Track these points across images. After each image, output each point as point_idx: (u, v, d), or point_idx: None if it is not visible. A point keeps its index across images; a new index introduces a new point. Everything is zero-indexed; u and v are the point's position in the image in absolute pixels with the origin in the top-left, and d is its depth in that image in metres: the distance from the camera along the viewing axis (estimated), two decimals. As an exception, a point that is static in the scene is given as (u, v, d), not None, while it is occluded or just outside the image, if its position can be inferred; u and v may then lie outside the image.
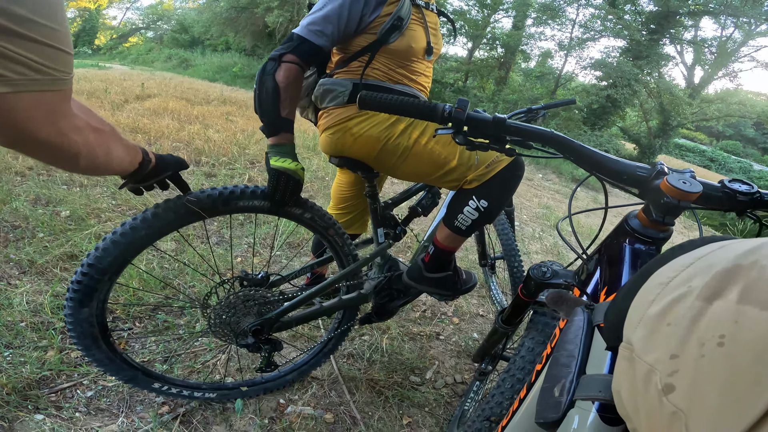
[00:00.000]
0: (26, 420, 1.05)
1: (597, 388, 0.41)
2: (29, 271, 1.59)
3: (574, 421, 0.42)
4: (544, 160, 7.64)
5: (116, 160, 0.67)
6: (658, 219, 0.57)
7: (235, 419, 1.20)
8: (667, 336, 0.28)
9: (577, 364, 0.46)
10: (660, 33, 10.77)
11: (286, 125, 0.97)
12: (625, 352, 0.32)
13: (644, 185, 0.60)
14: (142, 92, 5.84)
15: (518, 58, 13.19)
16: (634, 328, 0.32)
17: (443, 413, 1.40)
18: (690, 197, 0.54)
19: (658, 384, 0.27)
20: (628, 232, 0.60)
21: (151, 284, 1.63)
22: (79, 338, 0.93)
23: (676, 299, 0.29)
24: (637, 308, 0.34)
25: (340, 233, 1.15)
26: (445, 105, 0.68)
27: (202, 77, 11.68)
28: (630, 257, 0.58)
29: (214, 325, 1.06)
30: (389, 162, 1.10)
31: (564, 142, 0.65)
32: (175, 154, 0.91)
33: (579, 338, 0.48)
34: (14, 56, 0.43)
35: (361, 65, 1.08)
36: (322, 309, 1.20)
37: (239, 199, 0.96)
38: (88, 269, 0.87)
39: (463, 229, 1.12)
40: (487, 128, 0.66)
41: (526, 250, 2.99)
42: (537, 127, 0.66)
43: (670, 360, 0.27)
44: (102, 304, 0.93)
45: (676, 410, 0.25)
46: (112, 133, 0.66)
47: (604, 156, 0.64)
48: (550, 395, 0.45)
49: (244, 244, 2.18)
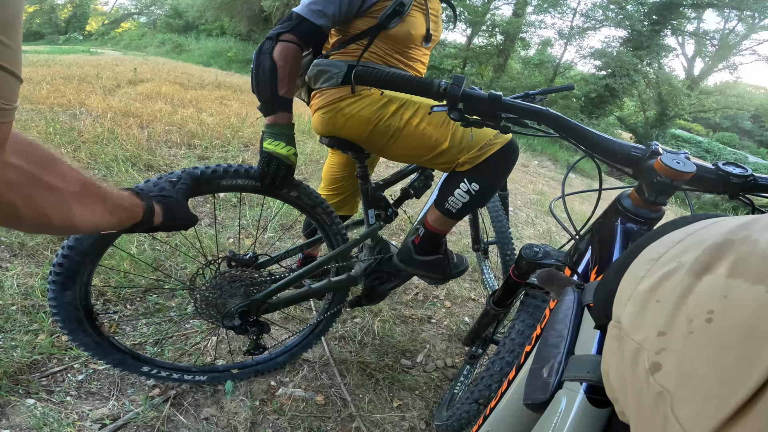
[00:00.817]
0: (18, 405, 1.05)
1: (585, 369, 0.41)
2: (20, 253, 1.58)
3: (562, 403, 0.41)
4: (540, 146, 7.64)
5: (86, 224, 0.52)
6: (650, 198, 0.57)
7: (225, 401, 1.21)
8: (655, 313, 0.27)
9: (566, 345, 0.45)
10: (662, 24, 10.71)
11: (284, 104, 0.95)
12: (614, 330, 0.31)
13: (638, 165, 0.60)
14: (134, 77, 5.74)
15: (517, 46, 13.08)
16: (624, 306, 0.31)
17: (433, 396, 1.41)
18: (683, 177, 0.54)
19: (646, 363, 0.26)
20: (620, 211, 0.60)
21: (141, 266, 1.62)
22: (64, 322, 0.92)
23: (665, 275, 0.28)
24: (626, 285, 0.33)
25: (327, 212, 1.14)
26: (440, 81, 0.68)
27: (196, 62, 11.49)
28: (621, 237, 0.58)
29: (201, 306, 1.06)
30: (380, 143, 1.09)
31: (559, 120, 0.65)
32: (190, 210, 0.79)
33: (569, 318, 0.47)
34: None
35: (358, 48, 1.07)
36: (310, 291, 1.20)
37: (222, 178, 0.94)
38: (69, 251, 0.85)
39: (453, 212, 1.11)
40: (483, 105, 0.66)
41: (520, 236, 3.00)
42: (532, 104, 0.66)
43: (658, 337, 0.26)
44: (85, 287, 0.91)
45: (662, 390, 0.24)
46: (81, 193, 0.51)
47: (600, 135, 0.64)
48: (539, 376, 0.45)
49: (236, 225, 2.17)
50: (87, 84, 4.65)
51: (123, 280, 1.55)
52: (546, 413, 0.43)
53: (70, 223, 0.50)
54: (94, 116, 3.31)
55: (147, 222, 0.66)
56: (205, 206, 2.30)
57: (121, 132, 2.99)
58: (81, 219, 0.52)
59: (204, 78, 7.14)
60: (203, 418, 1.14)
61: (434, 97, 0.69)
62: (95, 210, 0.54)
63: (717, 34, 12.34)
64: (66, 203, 0.49)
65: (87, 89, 4.31)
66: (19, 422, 1.01)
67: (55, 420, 1.03)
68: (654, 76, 11.28)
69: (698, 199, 6.88)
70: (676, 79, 11.62)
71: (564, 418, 0.40)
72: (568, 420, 0.40)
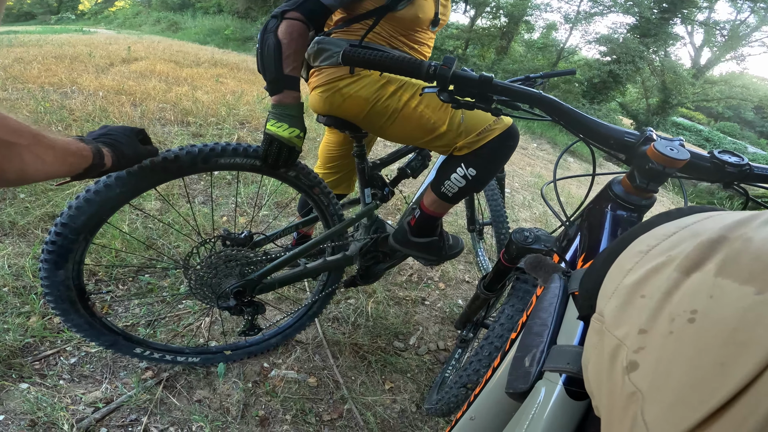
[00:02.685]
0: (11, 390, 1.05)
1: (565, 360, 0.40)
2: (10, 233, 1.56)
3: (540, 393, 0.41)
4: (539, 129, 7.60)
5: (39, 174, 0.56)
6: (641, 185, 0.56)
7: (218, 383, 1.22)
8: (639, 309, 0.26)
9: (549, 334, 0.45)
10: (672, 12, 10.54)
11: (290, 83, 0.92)
12: (596, 324, 0.30)
13: (631, 151, 0.59)
14: (128, 56, 5.61)
15: (521, 29, 12.86)
16: (608, 299, 0.30)
17: (425, 379, 1.43)
18: (676, 164, 0.53)
19: (624, 361, 0.25)
20: (610, 197, 0.59)
21: (134, 245, 1.61)
22: (56, 302, 0.90)
23: (653, 269, 0.27)
24: (612, 277, 0.31)
25: (325, 192, 1.13)
26: (431, 62, 0.66)
27: (192, 40, 11.24)
28: (611, 223, 0.57)
29: (195, 286, 1.05)
30: (378, 123, 1.08)
31: (552, 103, 0.64)
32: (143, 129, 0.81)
33: (553, 306, 0.46)
34: None
35: (362, 28, 1.05)
36: (306, 270, 1.19)
37: (220, 156, 0.93)
38: (62, 229, 0.83)
39: (449, 195, 1.11)
40: (473, 86, 0.65)
41: (516, 218, 3.00)
42: (524, 87, 0.64)
43: (638, 335, 0.25)
44: (78, 265, 0.90)
45: (635, 391, 0.23)
46: (32, 144, 0.54)
47: (593, 120, 0.63)
48: (521, 365, 0.44)
49: (231, 204, 2.15)
50: (79, 63, 4.54)
51: (115, 259, 1.54)
52: (525, 403, 0.42)
53: (24, 174, 0.53)
54: (85, 95, 3.25)
55: (98, 164, 0.67)
56: (198, 183, 2.28)
57: (114, 110, 2.94)
58: (34, 169, 0.55)
59: (200, 56, 6.99)
60: (196, 400, 1.15)
61: (424, 78, 0.67)
62: (46, 159, 0.56)
63: (728, 24, 12.19)
64: (18, 155, 0.52)
65: (79, 68, 4.21)
66: (13, 407, 1.01)
67: (48, 404, 1.03)
68: (659, 63, 11.18)
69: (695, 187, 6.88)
70: (681, 68, 11.51)
71: (542, 409, 0.39)
72: (546, 411, 0.39)
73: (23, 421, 0.99)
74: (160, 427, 1.07)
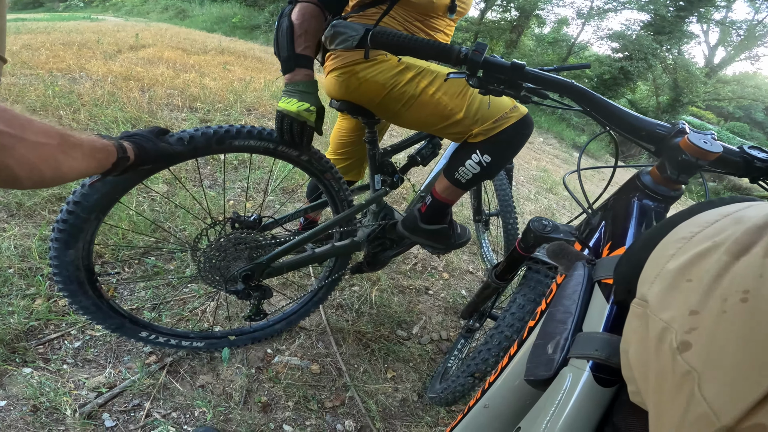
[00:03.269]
0: (14, 374, 1.04)
1: (593, 347, 0.40)
2: (17, 213, 1.56)
3: (567, 380, 0.40)
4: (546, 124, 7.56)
5: (75, 171, 0.59)
6: (672, 176, 0.57)
7: (222, 368, 1.21)
8: (686, 292, 0.27)
9: (573, 321, 0.45)
10: (688, 11, 10.39)
11: (302, 61, 0.94)
12: (638, 309, 0.31)
13: (662, 142, 0.60)
14: (136, 42, 5.60)
15: (532, 23, 12.72)
16: (650, 284, 0.31)
17: (427, 369, 1.42)
18: (709, 156, 0.54)
19: (674, 342, 0.25)
20: (638, 188, 0.60)
21: (141, 227, 1.60)
22: (64, 283, 0.90)
23: (699, 254, 0.28)
24: (654, 263, 0.32)
25: (336, 178, 1.15)
26: (461, 47, 0.67)
27: (200, 28, 11.21)
28: (638, 213, 0.57)
29: (204, 269, 1.04)
30: (393, 109, 1.08)
31: (585, 93, 0.64)
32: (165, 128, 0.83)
33: (578, 294, 0.47)
34: None
35: (377, 12, 1.04)
36: (314, 255, 1.20)
37: (234, 138, 0.93)
38: (74, 207, 0.83)
39: (462, 182, 1.11)
40: (504, 73, 0.66)
41: (521, 211, 3.00)
42: (557, 76, 0.65)
43: (689, 316, 0.25)
44: (88, 245, 0.89)
45: (689, 369, 0.23)
46: (62, 144, 0.56)
47: (625, 111, 0.64)
48: (543, 352, 0.44)
49: (238, 188, 2.15)
50: (87, 50, 4.53)
51: (121, 241, 1.54)
52: (549, 390, 0.42)
53: (60, 173, 0.56)
54: (94, 80, 3.24)
55: (123, 159, 0.70)
56: (205, 168, 2.28)
57: (122, 95, 2.93)
58: (69, 168, 0.57)
59: (207, 44, 6.96)
60: (199, 385, 1.15)
61: (453, 63, 0.68)
62: (76, 157, 0.58)
63: (744, 24, 12.03)
64: (53, 156, 0.54)
65: (87, 54, 4.21)
66: (15, 392, 1.01)
67: (51, 389, 1.02)
68: (672, 61, 11.05)
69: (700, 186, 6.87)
70: (694, 66, 11.40)
71: (568, 395, 0.39)
72: (573, 397, 0.39)
73: (25, 406, 0.98)
74: (162, 413, 1.06)
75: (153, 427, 1.03)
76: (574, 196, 0.70)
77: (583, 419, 0.38)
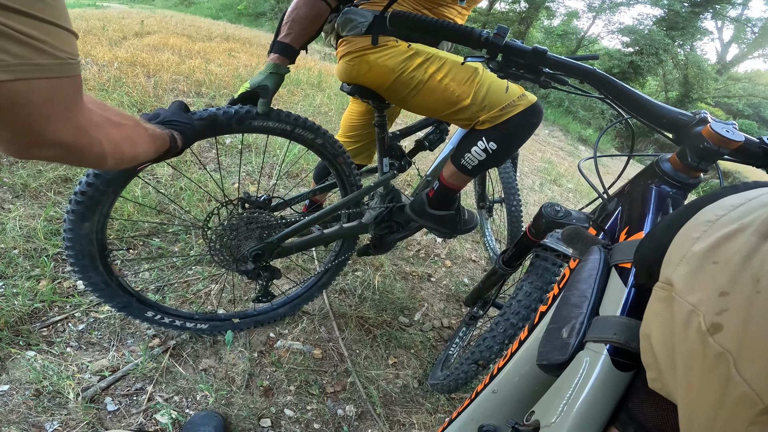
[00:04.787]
0: (18, 357, 1.04)
1: (612, 330, 0.39)
2: (23, 195, 1.56)
3: (584, 363, 0.40)
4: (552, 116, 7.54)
5: (142, 153, 0.61)
6: (692, 164, 0.57)
7: (224, 352, 1.22)
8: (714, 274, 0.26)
9: (589, 305, 0.44)
10: (703, 7, 10.23)
11: (279, 47, 0.97)
12: (662, 292, 0.31)
13: (684, 130, 0.60)
14: (141, 29, 5.59)
15: (541, 15, 12.54)
16: (675, 267, 0.30)
17: (428, 356, 1.42)
18: (731, 145, 0.54)
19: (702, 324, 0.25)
20: (657, 174, 0.60)
21: (146, 209, 1.60)
22: (76, 257, 0.89)
23: (726, 236, 0.27)
24: (678, 246, 0.32)
25: (348, 162, 1.17)
26: (482, 30, 0.67)
27: (205, 15, 11.16)
28: (656, 199, 0.57)
29: (215, 249, 1.04)
30: (401, 94, 1.08)
31: (606, 80, 0.64)
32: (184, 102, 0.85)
33: (594, 278, 0.46)
34: (8, 33, 0.34)
35: None
36: (323, 236, 1.21)
37: (254, 119, 0.95)
38: (94, 179, 0.82)
39: (469, 168, 1.11)
40: (525, 58, 0.65)
41: (525, 202, 3.00)
42: (577, 62, 0.65)
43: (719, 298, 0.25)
44: (104, 219, 0.89)
45: (722, 351, 0.23)
46: (136, 125, 0.59)
47: (646, 99, 0.64)
48: (557, 336, 0.44)
49: (243, 173, 2.16)
50: (92, 36, 4.52)
51: (127, 222, 1.54)
52: (565, 373, 0.41)
53: (134, 153, 0.58)
54: (99, 65, 3.23)
55: (174, 147, 0.72)
56: (210, 152, 2.28)
57: (128, 80, 2.92)
58: (142, 147, 0.60)
59: (212, 31, 6.93)
60: (202, 369, 1.15)
61: (474, 46, 0.68)
62: (146, 139, 0.62)
63: (760, 21, 11.83)
64: (131, 136, 0.57)
65: (92, 41, 4.19)
66: (18, 376, 1.00)
67: (54, 373, 1.02)
68: (683, 57, 10.90)
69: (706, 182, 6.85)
70: (705, 63, 11.25)
71: (585, 378, 0.39)
72: (590, 381, 0.38)
73: (28, 390, 0.98)
74: (165, 396, 1.07)
75: (155, 410, 1.03)
76: (589, 181, 0.70)
77: (600, 403, 0.37)
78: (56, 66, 0.38)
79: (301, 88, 3.93)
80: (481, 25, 12.41)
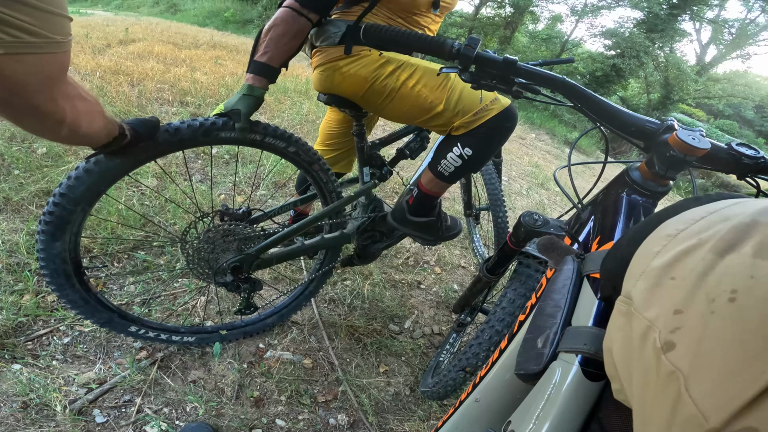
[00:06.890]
0: (4, 371, 1.03)
1: (582, 341, 0.40)
2: (4, 208, 1.53)
3: (556, 374, 0.40)
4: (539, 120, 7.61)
5: (95, 131, 0.67)
6: (660, 172, 0.57)
7: (213, 363, 1.21)
8: (671, 290, 0.26)
9: (563, 315, 0.45)
10: (681, 9, 10.46)
11: (254, 68, 0.93)
12: (622, 306, 0.30)
13: (652, 138, 0.61)
14: (126, 37, 5.51)
15: (526, 19, 12.72)
16: (635, 281, 0.30)
17: (419, 363, 1.43)
18: (697, 152, 0.54)
19: (657, 341, 0.25)
20: (627, 183, 0.60)
21: (130, 221, 1.59)
22: (51, 276, 0.89)
23: (684, 252, 0.27)
24: (639, 260, 0.32)
25: (324, 169, 1.15)
26: (453, 41, 0.68)
27: (191, 22, 11.04)
28: (626, 208, 0.58)
29: (192, 261, 1.04)
30: (376, 102, 1.08)
31: (575, 89, 0.65)
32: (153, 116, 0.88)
33: (567, 288, 0.47)
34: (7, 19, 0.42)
35: (361, 9, 1.04)
36: (303, 247, 1.20)
37: (221, 131, 0.93)
38: (60, 199, 0.82)
39: (445, 175, 1.11)
40: (496, 68, 0.66)
41: (512, 206, 3.02)
42: (547, 71, 0.65)
43: (674, 315, 0.25)
44: (75, 237, 0.89)
45: (674, 370, 0.23)
46: (97, 104, 0.65)
47: (614, 107, 0.64)
48: (533, 346, 0.44)
49: (229, 183, 2.14)
50: (75, 44, 4.43)
51: (110, 235, 1.52)
52: (539, 384, 0.42)
53: (90, 130, 0.64)
54: (82, 74, 3.18)
55: (122, 135, 0.77)
56: (196, 162, 2.26)
57: (111, 89, 2.89)
58: (97, 125, 0.66)
59: (199, 38, 6.87)
60: (191, 380, 1.15)
61: (446, 58, 0.68)
62: (102, 119, 0.67)
63: (737, 22, 12.12)
64: (92, 111, 0.62)
65: (75, 49, 4.12)
66: (5, 389, 1.00)
67: (41, 386, 1.01)
68: (664, 59, 11.14)
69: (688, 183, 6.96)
70: (685, 64, 11.47)
71: (557, 389, 0.39)
72: (561, 391, 0.39)
73: (15, 403, 0.97)
74: (153, 408, 1.06)
75: (144, 422, 1.02)
76: (564, 190, 0.71)
77: (572, 413, 0.38)
78: (45, 44, 0.47)
79: (288, 96, 3.92)
80: (468, 30, 12.54)
